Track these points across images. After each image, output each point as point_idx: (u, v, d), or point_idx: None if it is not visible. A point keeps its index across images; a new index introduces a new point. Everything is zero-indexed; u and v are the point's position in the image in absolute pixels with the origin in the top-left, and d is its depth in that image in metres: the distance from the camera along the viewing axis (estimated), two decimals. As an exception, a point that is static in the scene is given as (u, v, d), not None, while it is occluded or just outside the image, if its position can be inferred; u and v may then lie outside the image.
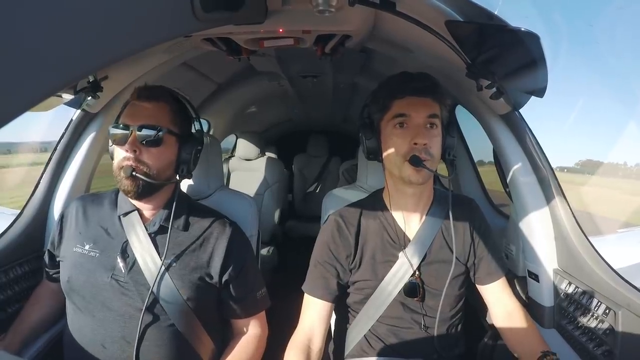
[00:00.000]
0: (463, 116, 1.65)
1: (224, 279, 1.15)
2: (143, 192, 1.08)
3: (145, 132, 1.07)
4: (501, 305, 1.17)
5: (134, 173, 1.04)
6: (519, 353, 1.10)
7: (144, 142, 1.07)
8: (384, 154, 1.11)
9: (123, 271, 1.09)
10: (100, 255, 1.11)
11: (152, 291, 1.07)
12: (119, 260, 1.10)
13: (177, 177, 1.17)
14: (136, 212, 1.15)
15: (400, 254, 1.12)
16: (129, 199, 1.13)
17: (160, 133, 1.08)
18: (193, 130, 1.23)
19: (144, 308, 1.05)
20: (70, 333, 1.10)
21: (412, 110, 1.05)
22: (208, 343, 1.17)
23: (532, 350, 1.03)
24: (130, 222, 1.14)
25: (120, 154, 1.07)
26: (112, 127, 1.09)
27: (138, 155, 1.06)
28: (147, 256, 1.10)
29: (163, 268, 1.09)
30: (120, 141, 1.07)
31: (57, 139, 1.45)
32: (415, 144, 1.03)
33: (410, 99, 1.06)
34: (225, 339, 1.28)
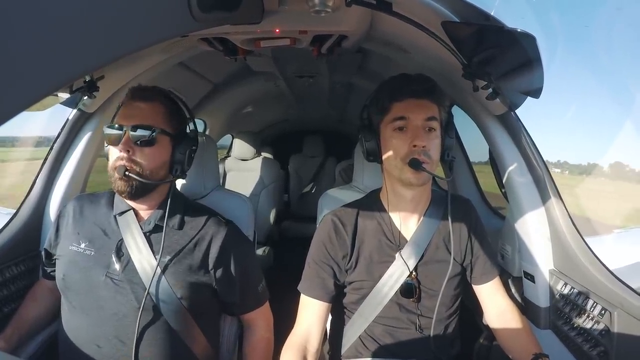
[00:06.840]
0: (458, 117, 1.65)
1: (220, 279, 1.16)
2: (136, 192, 1.09)
3: (138, 132, 1.07)
4: (495, 305, 1.17)
5: (127, 173, 1.05)
6: (512, 353, 1.11)
7: (138, 142, 1.07)
8: (384, 156, 1.11)
9: (118, 269, 1.09)
10: (96, 253, 1.11)
11: (146, 290, 1.06)
12: (113, 258, 1.10)
13: (172, 177, 1.17)
14: (132, 211, 1.16)
15: (397, 255, 1.12)
16: (124, 199, 1.13)
17: (153, 133, 1.09)
18: (188, 131, 1.22)
19: (141, 307, 1.04)
20: (65, 332, 1.10)
21: (411, 113, 1.05)
22: (203, 341, 1.17)
23: (525, 351, 1.03)
24: (125, 221, 1.14)
25: (114, 154, 1.08)
26: (107, 127, 1.09)
27: (131, 155, 1.07)
28: (141, 255, 1.10)
29: (157, 267, 1.09)
30: (114, 141, 1.07)
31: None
32: (415, 146, 1.03)
33: (409, 102, 1.06)
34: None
